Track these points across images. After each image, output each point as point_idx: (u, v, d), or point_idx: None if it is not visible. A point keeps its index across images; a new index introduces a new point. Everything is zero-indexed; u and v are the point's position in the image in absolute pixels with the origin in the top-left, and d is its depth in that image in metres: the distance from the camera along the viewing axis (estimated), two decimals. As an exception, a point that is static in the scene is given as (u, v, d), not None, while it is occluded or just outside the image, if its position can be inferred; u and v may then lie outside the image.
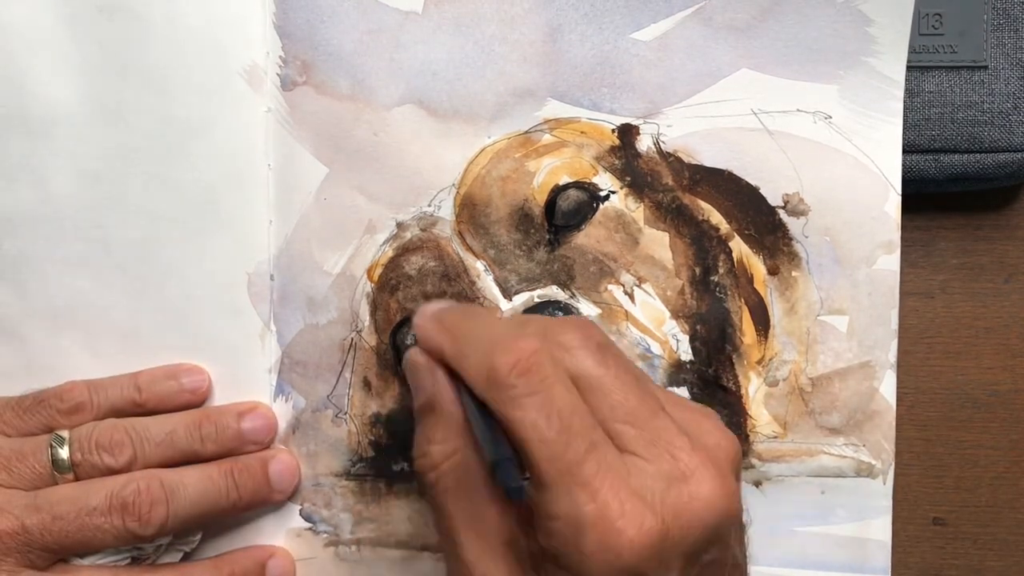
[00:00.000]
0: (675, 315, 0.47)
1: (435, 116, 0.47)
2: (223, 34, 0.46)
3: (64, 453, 0.44)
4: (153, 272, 0.47)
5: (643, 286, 0.47)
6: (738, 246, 0.47)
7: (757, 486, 0.48)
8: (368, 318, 0.47)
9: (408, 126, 0.47)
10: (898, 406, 0.47)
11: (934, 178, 0.49)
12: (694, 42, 0.46)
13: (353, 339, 0.48)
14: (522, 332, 0.36)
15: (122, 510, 0.43)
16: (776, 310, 0.47)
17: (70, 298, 0.47)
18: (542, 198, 0.47)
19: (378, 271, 0.47)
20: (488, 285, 0.47)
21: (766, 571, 0.48)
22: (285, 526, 0.48)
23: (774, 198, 0.47)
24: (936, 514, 0.52)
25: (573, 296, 0.47)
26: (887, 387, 0.47)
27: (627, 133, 0.47)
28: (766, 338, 0.47)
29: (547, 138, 0.47)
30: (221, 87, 0.46)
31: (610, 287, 0.47)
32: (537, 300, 0.47)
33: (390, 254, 0.47)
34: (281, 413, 0.48)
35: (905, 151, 0.47)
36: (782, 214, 0.47)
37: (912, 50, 0.47)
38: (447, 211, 0.47)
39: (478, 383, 0.36)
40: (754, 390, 0.47)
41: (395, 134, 0.47)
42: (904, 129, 0.46)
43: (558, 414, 0.34)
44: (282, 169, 0.47)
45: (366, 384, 0.48)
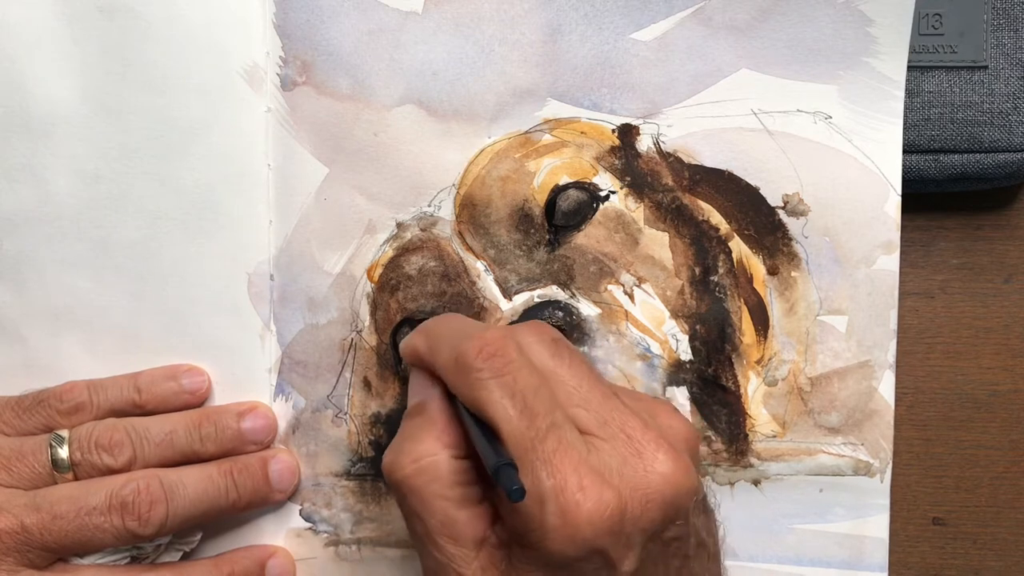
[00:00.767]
0: (675, 315, 0.47)
1: (435, 116, 0.47)
2: (223, 34, 0.46)
3: (64, 453, 0.44)
4: (153, 272, 0.47)
5: (643, 286, 0.47)
6: (738, 246, 0.47)
7: (756, 485, 0.48)
8: (368, 318, 0.48)
9: (408, 126, 0.47)
10: (898, 406, 0.47)
11: (934, 178, 0.49)
12: (694, 42, 0.46)
13: (353, 339, 0.48)
14: (487, 326, 0.39)
15: (122, 509, 0.43)
16: (775, 310, 0.47)
17: (70, 298, 0.47)
18: (542, 198, 0.47)
19: (378, 271, 0.47)
20: (488, 285, 0.47)
21: (765, 568, 0.48)
22: (285, 526, 0.48)
23: (774, 198, 0.47)
24: (936, 514, 0.52)
25: (573, 296, 0.47)
26: (886, 387, 0.47)
27: (627, 133, 0.47)
28: (765, 338, 0.47)
29: (547, 138, 0.47)
30: (221, 87, 0.46)
31: (610, 287, 0.47)
32: (537, 300, 0.47)
33: (390, 254, 0.47)
34: (281, 413, 0.48)
35: (905, 151, 0.47)
36: (782, 214, 0.47)
37: (912, 50, 0.47)
38: (447, 211, 0.47)
39: (448, 372, 0.38)
40: (753, 390, 0.48)
41: (395, 134, 0.47)
42: (904, 129, 0.46)
43: (521, 394, 0.36)
44: (282, 169, 0.47)
45: (366, 384, 0.48)
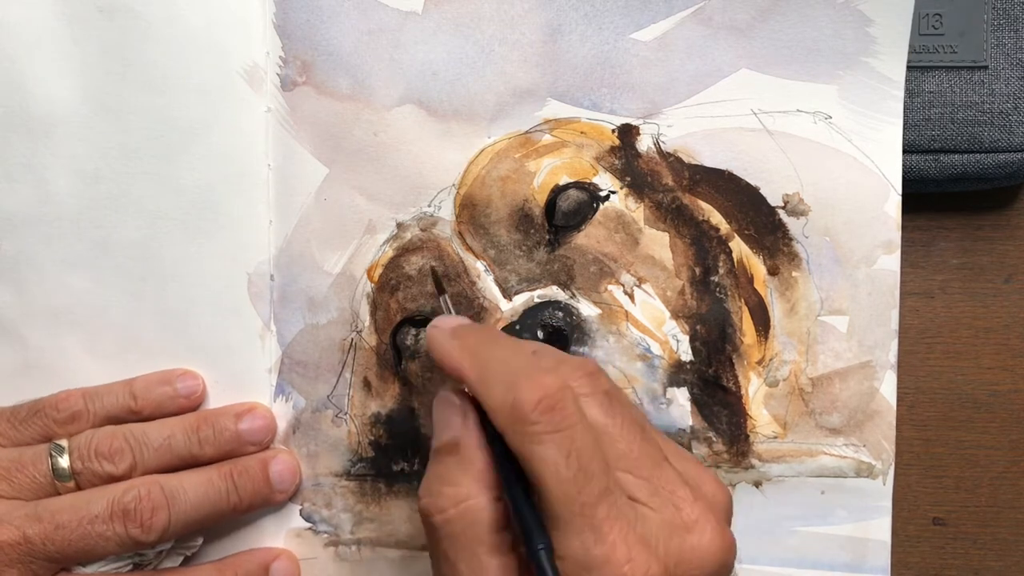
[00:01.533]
0: (675, 315, 0.47)
1: (435, 116, 0.47)
2: (223, 34, 0.46)
3: (64, 462, 0.44)
4: (153, 272, 0.47)
5: (643, 286, 0.47)
6: (738, 246, 0.47)
7: (757, 486, 0.48)
8: (368, 318, 0.47)
9: (408, 126, 0.47)
10: (898, 406, 0.47)
11: (934, 178, 0.49)
12: (694, 42, 0.46)
13: (353, 339, 0.48)
14: (545, 367, 0.37)
15: (124, 517, 0.42)
16: (776, 310, 0.47)
17: (70, 298, 0.47)
18: (542, 198, 0.47)
19: (378, 271, 0.47)
20: (488, 285, 0.47)
21: (766, 570, 0.48)
22: (285, 526, 0.48)
23: (774, 198, 0.47)
24: (936, 514, 0.52)
25: (573, 296, 0.47)
26: (887, 387, 0.47)
27: (627, 133, 0.47)
28: (766, 338, 0.47)
29: (547, 138, 0.47)
30: (221, 87, 0.46)
31: (610, 287, 0.47)
32: (537, 300, 0.47)
33: (390, 254, 0.47)
34: (281, 413, 0.48)
35: (905, 151, 0.47)
36: (782, 214, 0.47)
37: (912, 50, 0.47)
38: (447, 211, 0.47)
39: (500, 414, 0.36)
40: (754, 390, 0.47)
41: (395, 134, 0.47)
42: (904, 129, 0.46)
43: (577, 454, 0.34)
44: (282, 169, 0.47)
45: (366, 384, 0.48)
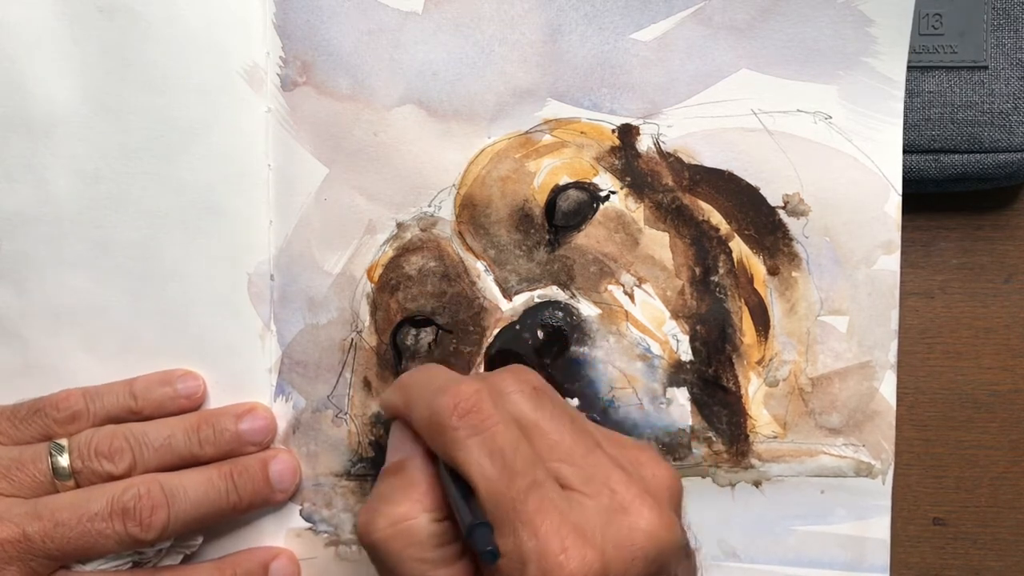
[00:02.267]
0: (675, 315, 0.47)
1: (435, 116, 0.47)
2: (223, 34, 0.46)
3: (64, 461, 0.44)
4: (153, 272, 0.47)
5: (643, 286, 0.47)
6: (738, 246, 0.47)
7: (757, 486, 0.48)
8: (368, 318, 0.48)
9: (408, 126, 0.47)
10: (898, 406, 0.47)
11: (934, 178, 0.49)
12: (694, 42, 0.46)
13: (353, 339, 0.48)
14: (464, 377, 0.38)
15: (123, 515, 0.43)
16: (776, 310, 0.47)
17: (70, 298, 0.47)
18: (542, 198, 0.47)
19: (378, 271, 0.47)
20: (488, 285, 0.47)
21: (766, 569, 0.48)
22: (286, 526, 0.48)
23: (774, 198, 0.47)
24: (936, 514, 0.52)
25: (573, 296, 0.47)
26: (887, 387, 0.47)
27: (627, 133, 0.47)
28: (766, 338, 0.47)
29: (547, 138, 0.47)
30: (221, 87, 0.46)
31: (610, 287, 0.47)
32: (537, 300, 0.47)
33: (390, 254, 0.47)
34: (281, 413, 0.48)
35: (905, 151, 0.47)
36: (782, 214, 0.47)
37: (912, 50, 0.47)
38: (447, 211, 0.47)
39: (424, 430, 0.37)
40: (754, 390, 0.47)
41: (395, 134, 0.47)
42: (904, 129, 0.46)
43: (500, 452, 0.35)
44: (282, 169, 0.47)
45: (366, 384, 0.48)
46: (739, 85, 0.46)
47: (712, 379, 0.47)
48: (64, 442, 0.44)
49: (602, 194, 0.47)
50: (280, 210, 0.47)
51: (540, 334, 0.47)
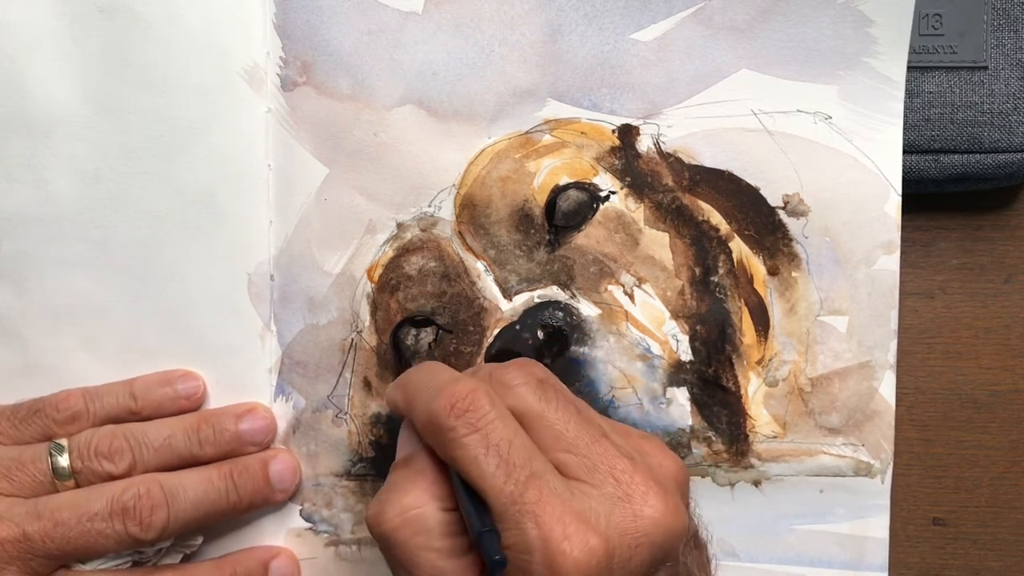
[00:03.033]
0: (675, 315, 0.47)
1: (435, 116, 0.47)
2: (223, 34, 0.46)
3: (64, 461, 0.44)
4: (153, 272, 0.47)
5: (643, 286, 0.47)
6: (738, 247, 0.47)
7: (756, 485, 0.48)
8: (368, 318, 0.48)
9: (408, 126, 0.47)
10: (898, 406, 0.47)
11: (934, 178, 0.49)
12: (694, 42, 0.46)
13: (353, 339, 0.48)
14: (461, 376, 0.38)
15: (123, 515, 0.43)
16: (776, 310, 0.47)
17: (70, 298, 0.47)
18: (542, 198, 0.47)
19: (378, 271, 0.47)
20: (488, 285, 0.47)
21: (765, 569, 0.48)
22: (286, 526, 0.48)
23: (774, 199, 0.47)
24: (936, 514, 0.52)
25: (573, 296, 0.47)
26: (886, 387, 0.47)
27: (627, 133, 0.47)
28: (766, 338, 0.47)
29: (547, 138, 0.47)
30: (221, 87, 0.46)
31: (610, 287, 0.47)
32: (537, 300, 0.47)
33: (390, 254, 0.47)
34: (281, 413, 0.48)
35: (905, 151, 0.47)
36: (782, 215, 0.47)
37: (912, 50, 0.47)
38: (447, 211, 0.47)
39: (424, 431, 0.37)
40: (754, 390, 0.48)
41: (395, 134, 0.47)
42: (904, 129, 0.46)
43: (496, 448, 0.35)
44: (282, 169, 0.47)
45: (366, 384, 0.48)
46: (739, 85, 0.46)
47: (712, 379, 0.47)
48: (64, 442, 0.44)
49: (602, 194, 0.47)
50: (280, 210, 0.47)
51: (540, 334, 0.47)
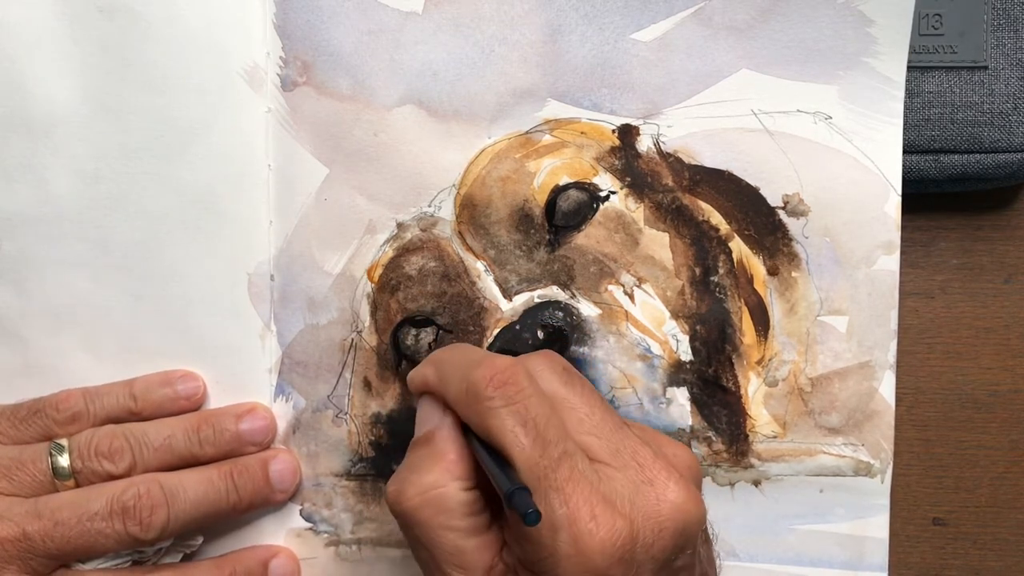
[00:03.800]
0: (675, 315, 0.47)
1: (435, 116, 0.47)
2: (223, 34, 0.46)
3: (64, 461, 0.44)
4: (153, 272, 0.47)
5: (643, 286, 0.47)
6: (738, 247, 0.47)
7: (756, 485, 0.48)
8: (368, 318, 0.48)
9: (408, 126, 0.47)
10: (898, 406, 0.47)
11: (934, 178, 0.49)
12: (694, 42, 0.46)
13: (353, 339, 0.48)
14: (496, 354, 0.39)
15: (123, 515, 0.43)
16: (776, 310, 0.47)
17: (70, 298, 0.47)
18: (542, 198, 0.47)
19: (378, 271, 0.47)
20: (488, 285, 0.47)
21: (765, 568, 0.48)
22: (286, 526, 0.48)
23: (774, 199, 0.47)
24: (936, 514, 0.52)
25: (573, 296, 0.47)
26: (886, 387, 0.47)
27: (627, 133, 0.47)
28: (766, 338, 0.47)
29: (547, 138, 0.47)
30: (221, 87, 0.46)
31: (610, 287, 0.47)
32: (537, 300, 0.47)
33: (390, 254, 0.47)
34: (281, 413, 0.48)
35: (905, 151, 0.47)
36: (782, 215, 0.47)
37: (912, 50, 0.47)
38: (447, 211, 0.47)
39: (459, 401, 0.38)
40: (754, 390, 0.48)
41: (395, 134, 0.47)
42: (904, 129, 0.46)
43: (533, 422, 0.36)
44: (282, 169, 0.47)
45: (366, 384, 0.48)
46: (739, 85, 0.46)
47: (712, 379, 0.48)
48: (64, 442, 0.44)
49: (602, 194, 0.47)
50: (280, 210, 0.47)
51: (540, 334, 0.47)
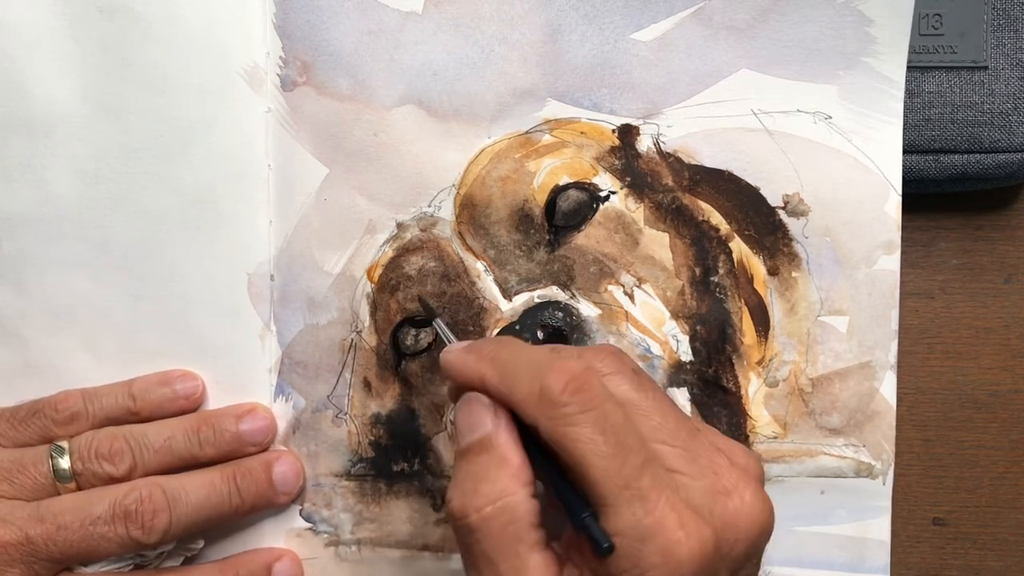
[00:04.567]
0: (675, 316, 0.47)
1: (435, 116, 0.47)
2: (223, 34, 0.46)
3: (65, 463, 0.44)
4: (153, 272, 0.47)
5: (643, 287, 0.47)
6: (738, 247, 0.47)
7: (757, 486, 0.48)
8: (368, 318, 0.47)
9: (408, 126, 0.47)
10: (898, 406, 0.47)
11: (934, 178, 0.49)
12: (694, 42, 0.46)
13: (353, 339, 0.48)
14: (563, 354, 0.37)
15: (125, 518, 0.43)
16: (776, 311, 0.47)
17: (70, 298, 0.47)
18: (542, 198, 0.47)
19: (378, 271, 0.47)
20: (488, 285, 0.47)
21: (765, 570, 0.48)
22: (286, 527, 0.48)
23: (774, 198, 0.47)
24: (936, 514, 0.52)
25: (573, 297, 0.47)
26: (887, 387, 0.47)
27: (627, 133, 0.47)
28: (766, 339, 0.47)
29: (547, 138, 0.47)
30: (221, 87, 0.46)
31: (610, 287, 0.47)
32: (537, 300, 0.47)
33: (390, 254, 0.47)
34: (281, 413, 0.48)
35: (905, 151, 0.47)
36: (782, 215, 0.47)
37: (912, 50, 0.47)
38: (447, 211, 0.47)
39: (529, 404, 0.36)
40: (754, 391, 0.47)
41: (395, 134, 0.47)
42: (904, 129, 0.46)
43: (613, 430, 0.34)
44: (282, 169, 0.47)
45: (366, 384, 0.48)
46: (739, 85, 0.46)
47: (712, 379, 0.47)
48: (65, 444, 0.44)
49: (602, 194, 0.47)
50: (280, 210, 0.47)
51: (540, 334, 0.47)
